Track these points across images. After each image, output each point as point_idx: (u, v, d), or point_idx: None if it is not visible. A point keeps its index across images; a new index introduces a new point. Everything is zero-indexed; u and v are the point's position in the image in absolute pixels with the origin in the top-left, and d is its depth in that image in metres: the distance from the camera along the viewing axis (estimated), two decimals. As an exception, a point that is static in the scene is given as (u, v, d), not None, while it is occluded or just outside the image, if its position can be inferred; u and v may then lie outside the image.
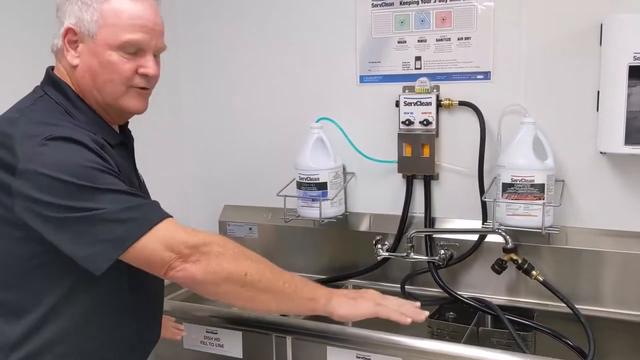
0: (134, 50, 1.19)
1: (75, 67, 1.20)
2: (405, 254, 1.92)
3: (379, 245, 2.02)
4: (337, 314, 1.27)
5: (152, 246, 1.09)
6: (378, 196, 2.09)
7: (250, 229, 2.28)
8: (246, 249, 1.22)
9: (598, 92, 1.73)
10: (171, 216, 1.15)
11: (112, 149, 1.20)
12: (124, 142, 1.31)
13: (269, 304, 1.23)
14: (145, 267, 1.12)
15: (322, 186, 2.00)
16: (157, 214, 1.12)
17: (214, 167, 2.36)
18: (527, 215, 1.74)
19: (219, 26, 2.26)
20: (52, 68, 1.25)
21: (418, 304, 1.34)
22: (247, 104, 2.25)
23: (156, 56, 1.25)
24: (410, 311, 1.29)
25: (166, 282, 1.27)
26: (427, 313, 1.32)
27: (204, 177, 2.39)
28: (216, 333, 1.76)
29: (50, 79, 1.23)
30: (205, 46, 2.30)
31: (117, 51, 1.17)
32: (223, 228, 2.33)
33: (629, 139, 1.63)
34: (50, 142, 1.07)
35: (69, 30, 1.18)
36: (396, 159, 1.99)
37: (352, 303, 1.29)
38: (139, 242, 1.08)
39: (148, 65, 1.21)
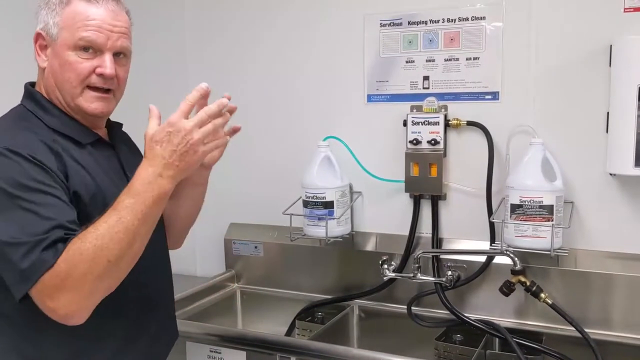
0: (89, 50, 1.21)
1: (43, 70, 1.26)
2: (412, 275, 1.90)
3: (386, 266, 2.00)
4: None
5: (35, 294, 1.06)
6: (385, 216, 2.07)
7: (255, 247, 2.27)
8: (92, 232, 1.06)
9: (608, 113, 1.72)
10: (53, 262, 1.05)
11: (80, 148, 1.23)
12: (101, 139, 1.31)
13: (145, 239, 1.12)
14: None
15: (329, 205, 1.98)
16: (49, 258, 1.05)
17: (220, 185, 2.35)
18: (535, 237, 1.73)
19: (227, 46, 2.27)
20: (30, 83, 1.31)
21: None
22: (254, 121, 2.25)
23: (119, 58, 1.27)
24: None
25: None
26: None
27: (210, 195, 2.36)
28: (220, 352, 1.75)
29: (25, 90, 1.29)
30: (213, 65, 2.31)
31: (74, 51, 1.21)
32: (228, 246, 2.32)
33: (639, 161, 1.62)
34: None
35: (38, 36, 1.25)
36: (403, 179, 1.98)
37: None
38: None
39: (104, 64, 1.22)
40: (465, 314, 1.85)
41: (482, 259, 1.89)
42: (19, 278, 1.05)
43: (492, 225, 1.87)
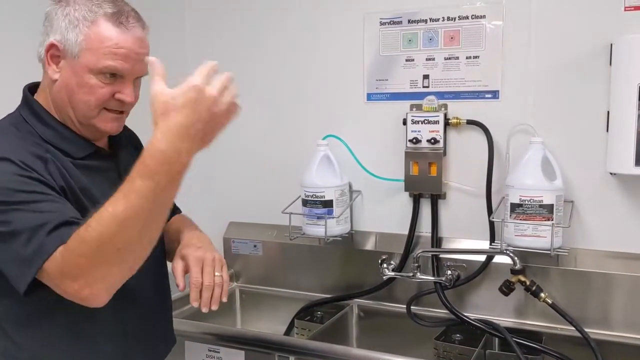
0: (113, 76, 1.19)
1: (54, 81, 1.20)
2: (411, 274, 1.90)
3: (385, 265, 1.99)
4: None
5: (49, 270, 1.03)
6: (384, 215, 2.07)
7: (254, 246, 2.27)
8: (102, 216, 1.01)
9: (608, 112, 1.71)
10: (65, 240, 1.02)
11: (74, 161, 1.20)
12: (99, 151, 1.28)
13: (162, 223, 1.08)
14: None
15: (328, 204, 1.98)
16: (52, 243, 1.03)
17: (219, 184, 2.35)
18: (535, 236, 1.72)
19: (226, 44, 2.26)
20: (29, 86, 1.27)
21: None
22: (253, 121, 2.25)
23: (137, 80, 1.24)
24: None
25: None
26: None
27: (209, 194, 2.38)
28: (218, 352, 1.74)
29: (23, 96, 1.25)
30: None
31: (96, 75, 1.17)
32: (227, 245, 2.31)
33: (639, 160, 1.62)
34: None
35: (52, 46, 1.18)
36: (403, 178, 1.98)
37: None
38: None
39: (126, 92, 1.20)
40: (465, 314, 1.85)
41: (482, 258, 1.89)
42: (22, 265, 1.02)
43: (491, 225, 1.87)
